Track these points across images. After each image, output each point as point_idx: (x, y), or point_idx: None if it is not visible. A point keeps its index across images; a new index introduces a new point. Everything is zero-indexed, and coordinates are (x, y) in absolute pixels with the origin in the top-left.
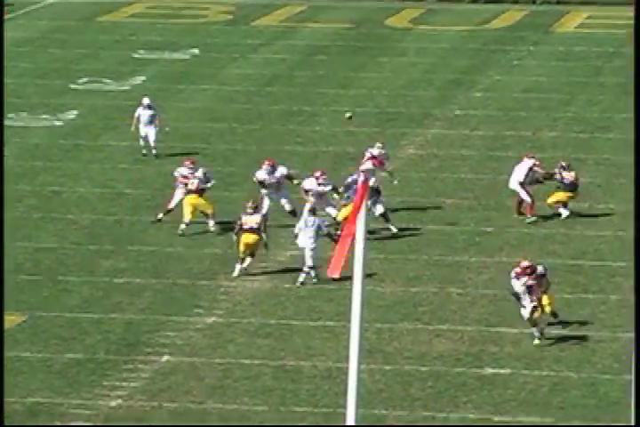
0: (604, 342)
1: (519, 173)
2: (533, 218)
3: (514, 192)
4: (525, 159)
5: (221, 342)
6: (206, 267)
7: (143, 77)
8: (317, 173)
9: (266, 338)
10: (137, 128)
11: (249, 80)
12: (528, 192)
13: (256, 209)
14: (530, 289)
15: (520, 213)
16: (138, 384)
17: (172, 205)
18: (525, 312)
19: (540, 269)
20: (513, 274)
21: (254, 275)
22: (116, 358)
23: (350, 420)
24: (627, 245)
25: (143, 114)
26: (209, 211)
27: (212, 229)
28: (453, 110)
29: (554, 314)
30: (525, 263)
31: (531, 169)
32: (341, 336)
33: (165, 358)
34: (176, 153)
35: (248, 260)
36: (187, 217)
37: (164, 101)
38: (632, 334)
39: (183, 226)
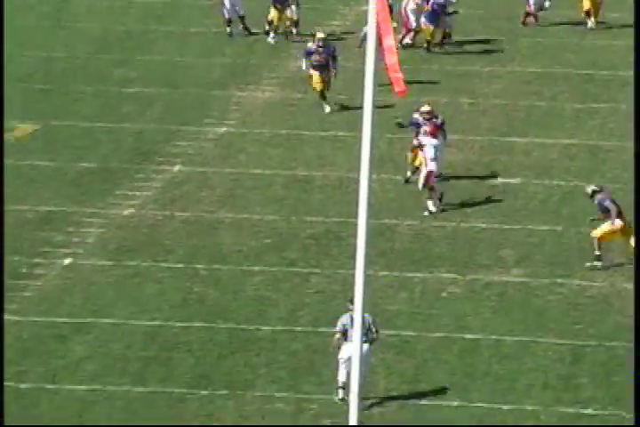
0: (613, 151)
1: None
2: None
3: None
4: None
5: (232, 152)
6: (217, 77)
7: None
8: None
9: (277, 148)
10: None
11: None
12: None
13: None
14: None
15: (524, 24)
16: (150, 193)
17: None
18: (420, 179)
19: (439, 120)
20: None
21: (265, 85)
22: (129, 168)
23: (362, 229)
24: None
25: None
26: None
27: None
28: None
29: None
30: (426, 108)
31: None
32: (352, 146)
33: (177, 167)
34: None
35: None
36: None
37: None
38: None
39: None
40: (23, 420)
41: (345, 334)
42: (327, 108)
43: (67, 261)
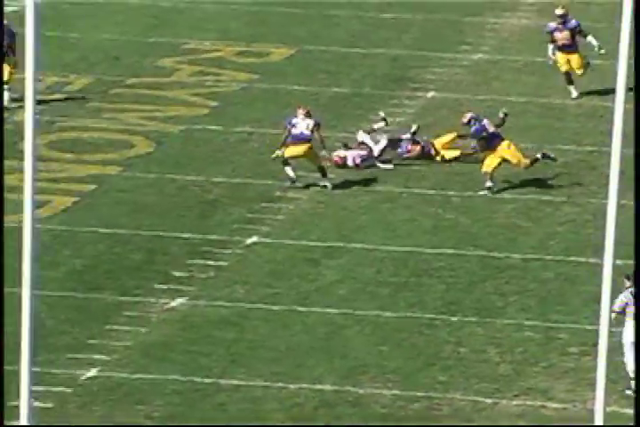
0: None
1: None
2: None
3: None
4: None
5: (487, 79)
6: (473, 2)
7: None
8: None
9: (532, 75)
10: None
11: None
12: None
13: None
14: None
15: None
16: (403, 119)
17: None
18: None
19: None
20: None
21: (522, 11)
22: (382, 93)
23: (615, 158)
24: None
25: None
26: None
27: None
28: None
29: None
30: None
31: None
32: (608, 75)
33: (431, 94)
34: None
35: None
36: None
37: None
38: None
39: None
40: (273, 341)
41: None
42: (574, 93)
43: (319, 186)
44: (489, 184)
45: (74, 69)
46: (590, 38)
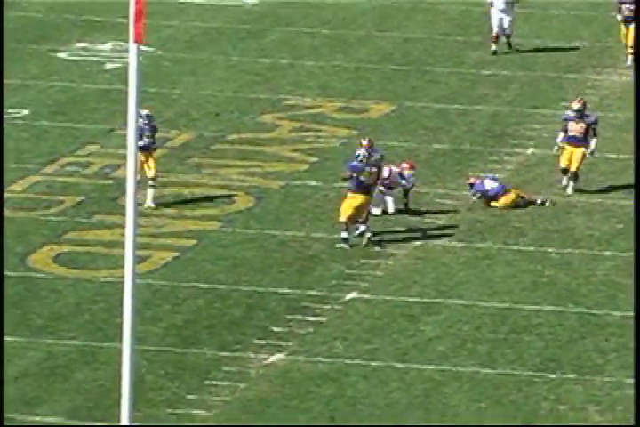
0: None
1: None
2: None
3: None
4: None
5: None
6: (573, 59)
7: None
8: None
9: (632, 133)
10: None
11: None
12: None
13: None
14: None
15: None
16: (503, 176)
17: None
18: None
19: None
20: None
21: (623, 68)
22: (482, 150)
23: None
24: None
25: None
26: None
27: None
28: None
29: None
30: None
31: None
32: None
33: (531, 150)
34: None
35: None
36: None
37: None
38: None
39: None
40: (372, 397)
41: None
42: (569, 189)
43: (418, 242)
44: (344, 235)
45: (175, 125)
46: (594, 142)
